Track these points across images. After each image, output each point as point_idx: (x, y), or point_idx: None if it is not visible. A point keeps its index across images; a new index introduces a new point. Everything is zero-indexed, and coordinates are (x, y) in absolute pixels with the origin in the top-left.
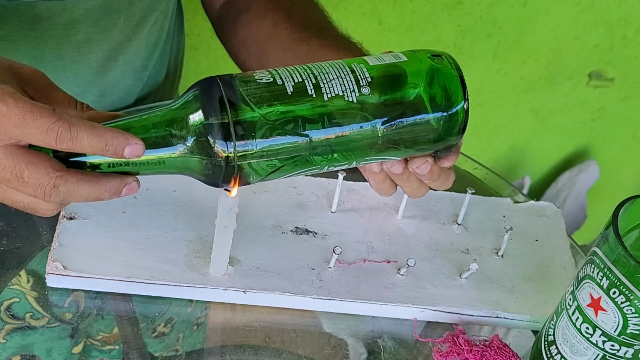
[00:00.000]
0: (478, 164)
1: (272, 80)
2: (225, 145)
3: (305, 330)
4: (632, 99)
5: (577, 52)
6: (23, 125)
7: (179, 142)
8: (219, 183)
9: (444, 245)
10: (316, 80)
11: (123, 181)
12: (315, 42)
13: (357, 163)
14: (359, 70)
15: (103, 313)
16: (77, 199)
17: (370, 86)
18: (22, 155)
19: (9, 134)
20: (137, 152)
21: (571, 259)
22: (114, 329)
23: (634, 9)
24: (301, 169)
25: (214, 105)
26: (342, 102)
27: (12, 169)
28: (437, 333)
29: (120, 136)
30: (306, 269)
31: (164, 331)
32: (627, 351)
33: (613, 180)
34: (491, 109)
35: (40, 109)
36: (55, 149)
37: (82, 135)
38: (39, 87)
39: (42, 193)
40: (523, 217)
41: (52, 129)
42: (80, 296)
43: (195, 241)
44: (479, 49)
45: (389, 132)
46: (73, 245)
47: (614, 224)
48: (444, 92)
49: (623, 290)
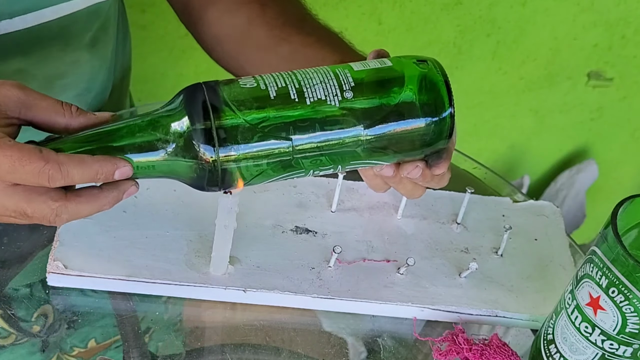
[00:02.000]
0: (477, 164)
1: (255, 85)
2: (209, 150)
3: (305, 329)
4: (630, 99)
5: (576, 52)
6: (14, 172)
7: (165, 147)
8: (205, 187)
9: (444, 244)
10: (299, 85)
11: (121, 190)
12: (297, 40)
13: (342, 168)
14: (343, 75)
15: (76, 326)
16: (81, 217)
17: (354, 91)
18: (21, 194)
19: (2, 179)
20: (126, 173)
21: (570, 258)
22: (89, 343)
23: (632, 9)
24: (286, 173)
25: (197, 110)
26: (325, 106)
27: (15, 208)
28: (436, 332)
29: (108, 163)
30: (306, 268)
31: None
32: (626, 350)
33: (612, 180)
34: (490, 108)
35: (28, 154)
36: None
37: (73, 171)
38: (23, 104)
39: (47, 222)
40: (522, 217)
41: (43, 172)
42: (48, 310)
43: (196, 240)
44: (478, 48)
45: (373, 137)
46: (74, 244)
47: (613, 223)
48: (429, 97)
49: (622, 290)
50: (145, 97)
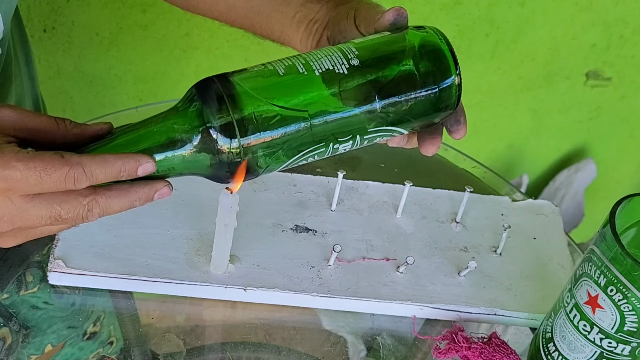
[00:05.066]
0: (476, 163)
1: (263, 67)
2: (229, 139)
3: (305, 328)
4: (629, 98)
5: (575, 52)
6: (42, 182)
7: (185, 144)
8: (227, 178)
9: (443, 243)
10: (305, 60)
11: (153, 189)
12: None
13: (361, 141)
14: (346, 47)
15: (29, 340)
16: (112, 213)
17: (359, 58)
18: (52, 198)
19: (31, 191)
20: (149, 169)
21: (569, 257)
22: (46, 348)
23: (631, 9)
24: (306, 150)
25: (212, 100)
26: (333, 75)
27: (50, 214)
28: (435, 330)
29: (131, 160)
30: (306, 267)
31: (94, 330)
32: (624, 348)
33: (610, 179)
34: (489, 108)
35: (51, 162)
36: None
37: (96, 171)
38: (16, 124)
39: (81, 220)
40: (521, 216)
41: (69, 177)
42: (6, 333)
43: (196, 239)
44: (477, 48)
45: (385, 103)
46: (75, 243)
47: (611, 222)
48: (435, 63)
49: (620, 288)
50: (146, 96)
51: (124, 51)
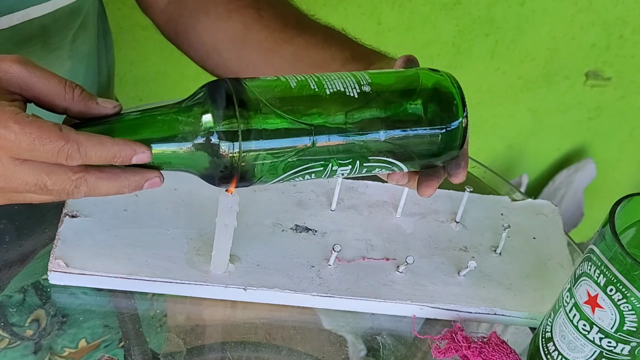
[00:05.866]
0: (476, 163)
1: (276, 79)
2: (230, 143)
3: (305, 327)
4: (628, 98)
5: (574, 52)
6: (33, 149)
7: (188, 139)
8: (219, 182)
9: (443, 242)
10: (318, 79)
11: (144, 177)
12: (301, 41)
13: (360, 168)
14: (360, 74)
15: (65, 327)
16: (98, 194)
17: (371, 86)
18: (41, 167)
19: (21, 155)
20: (143, 160)
21: (568, 257)
22: (80, 343)
23: (630, 9)
24: (304, 166)
25: (221, 100)
26: (344, 97)
27: (36, 182)
28: (435, 330)
29: (128, 148)
30: (306, 267)
31: None
32: (623, 348)
33: (610, 179)
34: (489, 108)
35: (47, 132)
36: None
37: (91, 152)
38: (23, 82)
39: (66, 195)
40: (521, 215)
41: (62, 151)
42: (41, 315)
43: (196, 239)
44: (477, 48)
45: (390, 135)
46: (75, 242)
47: (610, 221)
48: (442, 105)
49: (620, 288)
50: (146, 96)
51: (125, 51)
